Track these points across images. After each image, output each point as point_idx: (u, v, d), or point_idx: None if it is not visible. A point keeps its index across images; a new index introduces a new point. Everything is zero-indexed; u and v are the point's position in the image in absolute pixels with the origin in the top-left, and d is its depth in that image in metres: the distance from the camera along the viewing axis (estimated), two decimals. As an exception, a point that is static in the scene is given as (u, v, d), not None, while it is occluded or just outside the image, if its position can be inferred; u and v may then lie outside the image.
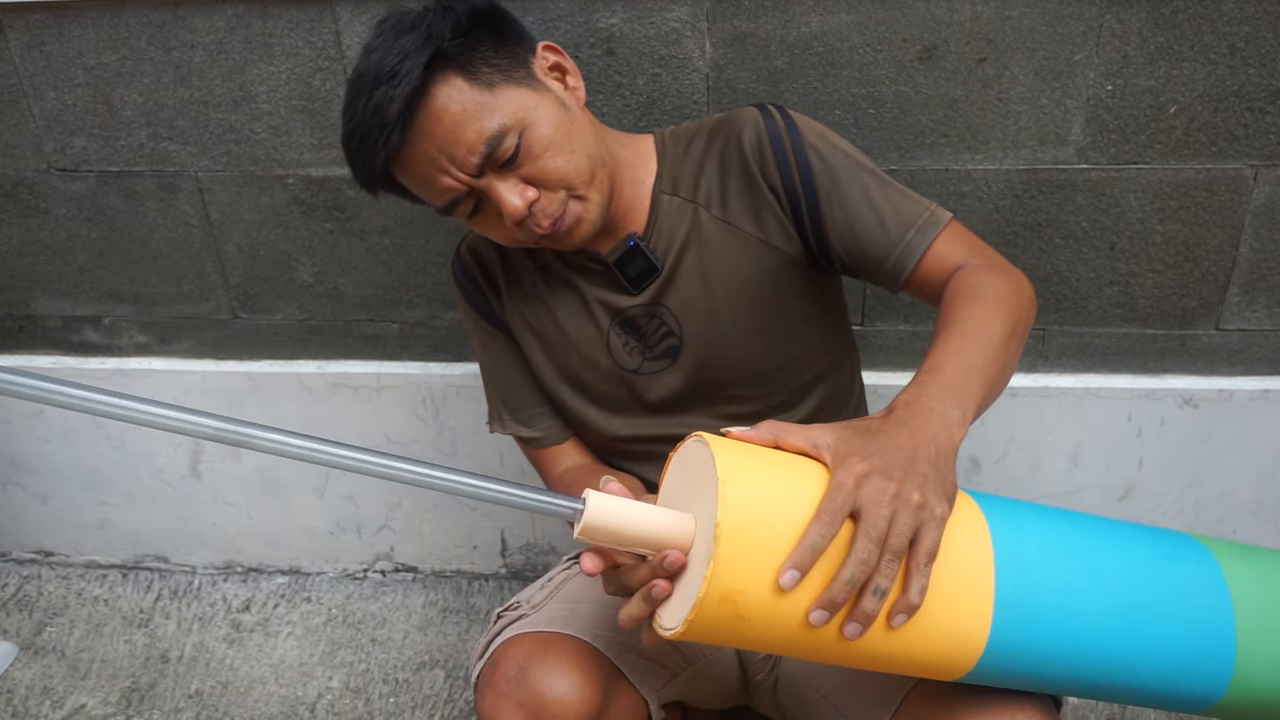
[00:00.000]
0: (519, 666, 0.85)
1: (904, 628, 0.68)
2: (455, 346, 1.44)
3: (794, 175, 0.95)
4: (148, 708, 1.41)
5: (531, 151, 0.88)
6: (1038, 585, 0.73)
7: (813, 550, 0.65)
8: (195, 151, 1.33)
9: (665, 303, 0.99)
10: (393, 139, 0.86)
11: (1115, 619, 0.76)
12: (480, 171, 0.88)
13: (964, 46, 1.14)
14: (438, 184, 0.89)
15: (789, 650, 0.70)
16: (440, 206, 0.92)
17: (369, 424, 1.48)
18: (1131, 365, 1.33)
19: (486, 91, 0.87)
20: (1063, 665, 0.74)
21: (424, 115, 0.86)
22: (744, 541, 0.65)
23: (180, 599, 1.60)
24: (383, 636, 1.51)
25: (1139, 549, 0.79)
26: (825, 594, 0.65)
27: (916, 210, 0.94)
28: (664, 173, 1.00)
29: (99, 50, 1.27)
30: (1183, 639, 0.77)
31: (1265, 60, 1.12)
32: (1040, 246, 1.26)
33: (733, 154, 0.98)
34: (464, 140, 0.86)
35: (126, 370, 1.50)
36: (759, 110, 0.97)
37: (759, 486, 0.67)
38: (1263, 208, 1.21)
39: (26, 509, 1.63)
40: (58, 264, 1.45)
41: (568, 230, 0.92)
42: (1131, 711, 1.32)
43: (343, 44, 1.23)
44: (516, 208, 0.88)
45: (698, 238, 0.98)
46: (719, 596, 0.65)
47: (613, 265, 0.98)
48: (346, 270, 1.39)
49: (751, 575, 0.65)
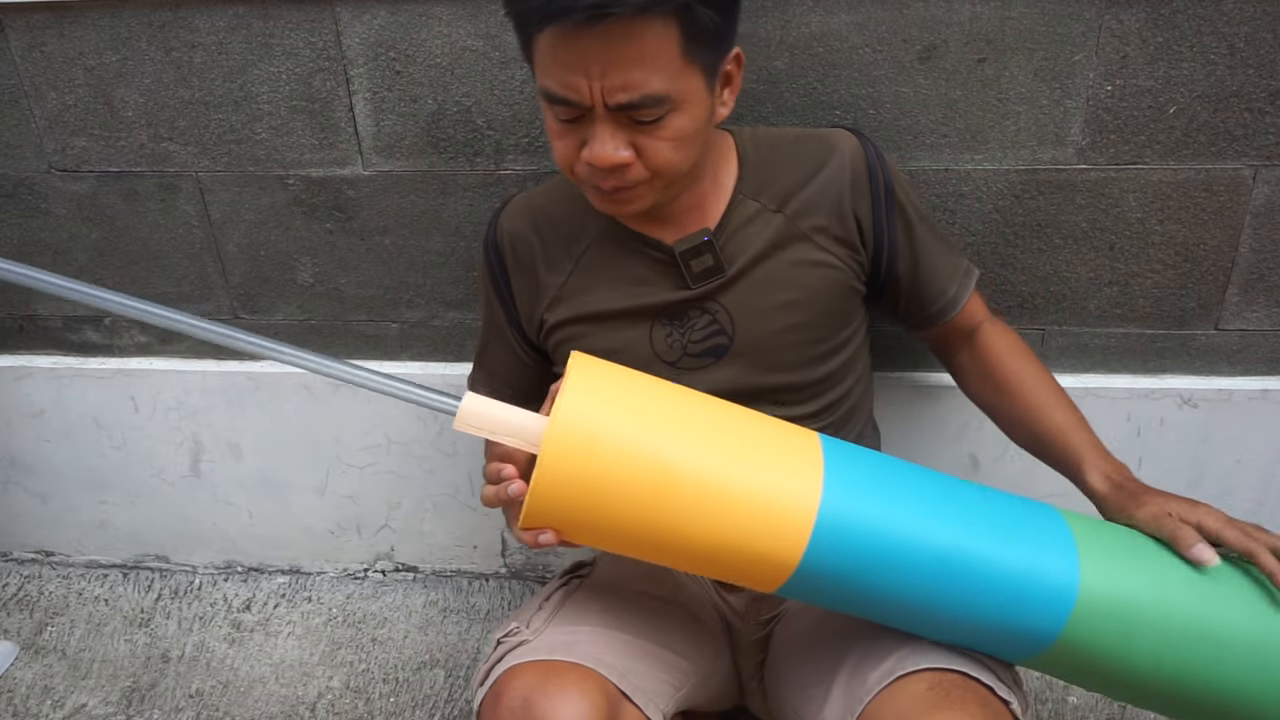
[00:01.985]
0: (522, 698, 0.84)
1: (730, 515, 0.78)
2: (455, 346, 1.44)
3: (882, 213, 1.00)
4: (148, 707, 1.41)
5: (664, 131, 0.85)
6: (868, 490, 0.82)
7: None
8: (196, 152, 1.33)
9: (721, 301, 0.98)
10: (578, 8, 0.77)
11: (947, 525, 0.82)
12: (616, 108, 0.84)
13: (964, 47, 1.15)
14: (572, 81, 0.82)
15: (621, 548, 0.81)
16: (552, 93, 0.85)
17: (369, 424, 1.48)
18: (1131, 365, 1.33)
19: (683, 59, 0.83)
20: (892, 565, 0.80)
21: (623, 24, 0.79)
22: (567, 446, 0.76)
23: (181, 599, 1.60)
24: (383, 636, 1.51)
25: (984, 490, 0.88)
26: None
27: (959, 261, 1.07)
28: (746, 175, 0.99)
29: (99, 50, 1.27)
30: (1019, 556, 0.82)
31: (1265, 60, 1.12)
32: (1040, 246, 1.26)
33: (827, 174, 0.98)
34: (631, 76, 0.81)
35: (127, 370, 1.50)
36: (857, 138, 1.00)
37: (596, 403, 0.78)
38: (1262, 208, 1.21)
39: (26, 509, 1.64)
40: (58, 264, 1.45)
41: (626, 200, 0.90)
42: (1131, 712, 1.32)
43: (343, 44, 1.23)
44: (608, 157, 0.85)
45: (773, 246, 0.98)
46: (545, 488, 0.77)
47: (679, 256, 0.97)
48: (346, 270, 1.39)
49: (574, 475, 0.76)
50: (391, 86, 1.25)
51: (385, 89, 1.25)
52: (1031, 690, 1.36)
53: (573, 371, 0.81)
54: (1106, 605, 0.82)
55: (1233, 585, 0.84)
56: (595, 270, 1.01)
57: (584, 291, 1.01)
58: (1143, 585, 0.83)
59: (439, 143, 1.28)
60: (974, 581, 0.81)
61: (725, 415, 0.84)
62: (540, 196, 1.07)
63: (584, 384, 0.80)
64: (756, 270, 0.98)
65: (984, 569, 0.81)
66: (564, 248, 1.03)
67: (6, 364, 1.53)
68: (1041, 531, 0.84)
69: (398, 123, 1.27)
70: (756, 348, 0.99)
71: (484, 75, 1.23)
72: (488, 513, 1.53)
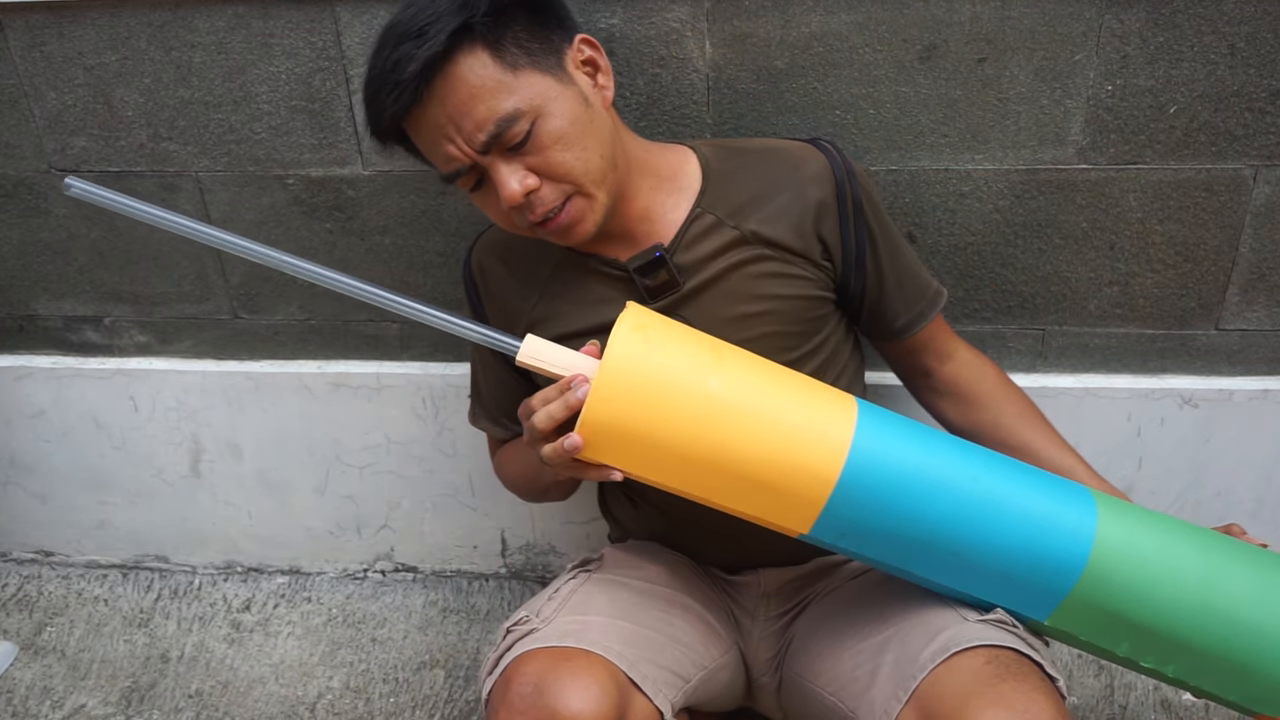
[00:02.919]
0: (533, 684, 0.84)
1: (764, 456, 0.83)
2: (455, 346, 1.44)
3: (850, 233, 1.00)
4: (148, 708, 1.41)
5: (541, 141, 0.87)
6: (898, 424, 0.87)
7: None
8: (195, 151, 1.33)
9: (684, 314, 0.98)
10: (404, 97, 0.85)
11: (974, 461, 0.86)
12: (486, 149, 0.87)
13: (964, 46, 1.15)
14: (443, 151, 0.89)
15: (668, 475, 0.85)
16: (443, 174, 0.92)
17: (369, 424, 1.48)
18: (1131, 365, 1.33)
19: (509, 71, 0.86)
20: (923, 491, 0.83)
21: (441, 81, 0.85)
22: (623, 373, 0.81)
23: (180, 599, 1.60)
24: (383, 636, 1.51)
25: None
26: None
27: (927, 281, 1.08)
28: (708, 188, 0.99)
29: (99, 50, 1.27)
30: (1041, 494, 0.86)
31: (1265, 60, 1.12)
32: (1040, 246, 1.26)
33: (791, 191, 0.98)
34: (475, 115, 0.86)
35: (127, 370, 1.50)
36: (825, 154, 1.00)
37: (649, 336, 0.84)
38: (1262, 208, 1.21)
39: (26, 509, 1.64)
40: (58, 264, 1.45)
41: (566, 226, 0.91)
42: (1131, 712, 1.32)
43: (343, 44, 1.23)
44: (514, 193, 0.88)
45: (730, 260, 0.98)
46: (600, 409, 0.81)
47: (633, 272, 0.97)
48: (346, 270, 1.39)
49: (627, 406, 0.81)
50: (391, 86, 1.25)
51: (385, 89, 1.25)
52: (1032, 690, 1.36)
53: (628, 312, 0.87)
54: (1125, 542, 0.85)
55: (1244, 550, 0.89)
56: (560, 294, 1.02)
57: (551, 316, 1.02)
58: (1158, 530, 0.87)
59: (439, 143, 1.28)
60: (1002, 506, 0.84)
61: (765, 362, 0.89)
62: (505, 231, 1.08)
63: (637, 319, 0.85)
64: (717, 283, 0.98)
65: (1011, 493, 0.85)
66: (529, 276, 1.04)
67: (6, 364, 1.53)
68: (1057, 481, 0.89)
69: (398, 123, 1.27)
70: None
71: (484, 75, 1.23)
72: (488, 512, 1.53)
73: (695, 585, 1.09)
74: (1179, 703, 1.32)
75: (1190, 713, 1.31)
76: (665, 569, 1.07)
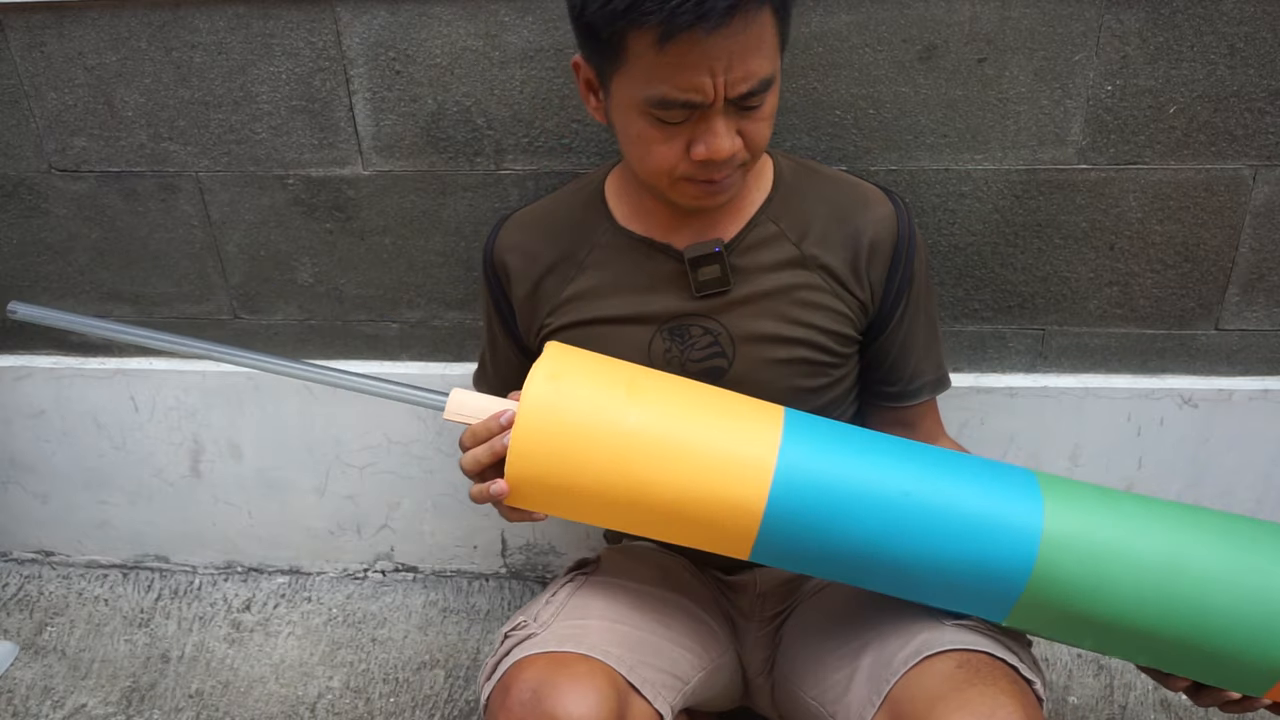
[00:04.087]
0: (532, 690, 0.84)
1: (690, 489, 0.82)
2: (455, 346, 1.44)
3: (894, 286, 1.01)
4: (148, 707, 1.41)
5: (764, 112, 0.87)
6: (828, 437, 0.85)
7: None
8: (195, 152, 1.33)
9: (724, 321, 0.98)
10: (709, 15, 0.78)
11: (906, 465, 0.84)
12: (730, 99, 0.84)
13: (964, 46, 1.15)
14: (695, 80, 0.82)
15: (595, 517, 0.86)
16: (669, 99, 0.83)
17: (369, 424, 1.48)
18: (1131, 365, 1.33)
19: (778, 42, 0.86)
20: (856, 505, 0.82)
21: (742, 21, 0.81)
22: (537, 428, 0.83)
23: (181, 599, 1.60)
24: (383, 636, 1.51)
25: (947, 451, 0.89)
26: None
27: (940, 363, 1.09)
28: (776, 198, 1.00)
29: (99, 50, 1.27)
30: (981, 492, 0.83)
31: (1265, 60, 1.12)
32: (1040, 246, 1.26)
33: (854, 226, 0.99)
34: (748, 65, 0.83)
35: (127, 370, 1.50)
36: (892, 203, 1.01)
37: (563, 379, 0.85)
38: (1262, 208, 1.21)
39: (26, 509, 1.64)
40: (58, 264, 1.45)
41: (722, 191, 0.91)
42: (1131, 712, 1.32)
43: (343, 44, 1.23)
44: (725, 148, 0.85)
45: (784, 279, 0.98)
46: (518, 464, 0.83)
47: (688, 261, 0.97)
48: (346, 270, 1.39)
49: (544, 459, 0.83)
50: (391, 86, 1.25)
51: (385, 89, 1.25)
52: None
53: (544, 354, 0.88)
54: (1076, 537, 0.81)
55: (1211, 526, 0.84)
56: (599, 277, 1.01)
57: (587, 297, 1.01)
58: (1113, 519, 0.83)
59: (439, 143, 1.28)
60: (938, 518, 0.82)
61: (687, 385, 0.89)
62: (541, 209, 1.07)
63: (552, 365, 0.86)
64: (766, 299, 0.98)
65: (946, 503, 0.82)
66: (568, 255, 1.02)
67: (6, 364, 1.53)
68: (1001, 472, 0.86)
69: (398, 123, 1.27)
70: (753, 376, 0.99)
71: (484, 75, 1.23)
72: (488, 512, 1.53)
73: (692, 587, 1.09)
74: (1179, 703, 1.32)
75: (1190, 713, 1.31)
76: (662, 571, 1.08)
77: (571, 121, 1.24)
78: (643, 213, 1.00)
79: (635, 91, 0.85)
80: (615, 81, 0.87)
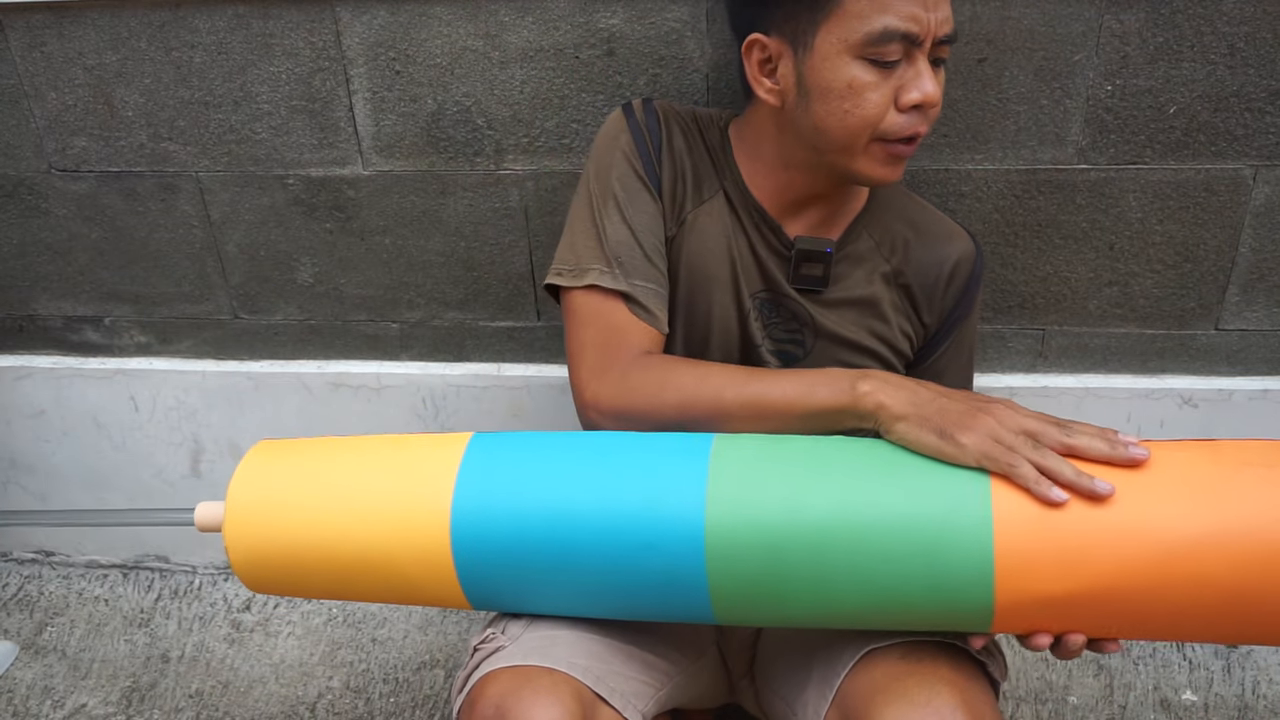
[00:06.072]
0: (495, 705, 0.83)
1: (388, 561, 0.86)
2: (455, 346, 1.44)
3: (952, 324, 1.03)
4: (148, 707, 1.41)
5: (944, 75, 0.90)
6: (501, 481, 0.84)
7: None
8: (195, 152, 1.33)
9: (814, 314, 0.99)
10: None
11: (571, 488, 0.83)
12: (940, 40, 0.86)
13: (964, 46, 1.15)
14: (911, 9, 0.84)
15: (319, 593, 0.91)
16: (891, 31, 0.84)
17: (369, 424, 1.48)
18: (1131, 365, 1.33)
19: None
20: (538, 541, 0.82)
21: None
22: (244, 516, 0.87)
23: (181, 599, 1.60)
24: (383, 636, 1.52)
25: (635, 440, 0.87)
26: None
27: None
28: (871, 209, 1.01)
29: (99, 50, 1.27)
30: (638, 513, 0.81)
31: (1265, 60, 1.12)
32: (1040, 246, 1.26)
33: (938, 255, 1.01)
34: (946, 8, 0.86)
35: (127, 370, 1.50)
36: (974, 245, 1.03)
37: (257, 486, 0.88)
38: (1262, 208, 1.21)
39: (27, 509, 1.64)
40: (58, 264, 1.45)
41: (904, 159, 0.91)
42: (1130, 711, 1.32)
43: (343, 44, 1.23)
44: (934, 92, 0.86)
45: (873, 292, 1.00)
46: (238, 564, 0.88)
47: (796, 252, 0.98)
48: (346, 270, 1.39)
49: (252, 549, 0.87)
50: (391, 86, 1.25)
51: (385, 89, 1.25)
52: (1031, 690, 1.36)
53: (244, 461, 0.91)
54: (740, 534, 0.78)
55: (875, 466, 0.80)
56: (708, 223, 0.99)
57: (702, 232, 0.99)
58: (775, 499, 0.78)
59: (439, 143, 1.28)
60: (610, 544, 0.81)
61: (366, 447, 0.90)
62: (689, 114, 1.02)
63: (248, 474, 0.89)
64: (854, 308, 1.00)
65: (617, 522, 0.81)
66: (702, 177, 1.00)
67: (6, 364, 1.53)
68: (670, 478, 0.81)
69: (398, 123, 1.27)
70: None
71: (484, 75, 1.23)
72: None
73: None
74: (1178, 702, 1.32)
75: (1190, 713, 1.32)
76: None
77: (571, 121, 1.24)
78: (760, 181, 0.99)
79: (851, 32, 0.84)
80: (823, 31, 0.86)
